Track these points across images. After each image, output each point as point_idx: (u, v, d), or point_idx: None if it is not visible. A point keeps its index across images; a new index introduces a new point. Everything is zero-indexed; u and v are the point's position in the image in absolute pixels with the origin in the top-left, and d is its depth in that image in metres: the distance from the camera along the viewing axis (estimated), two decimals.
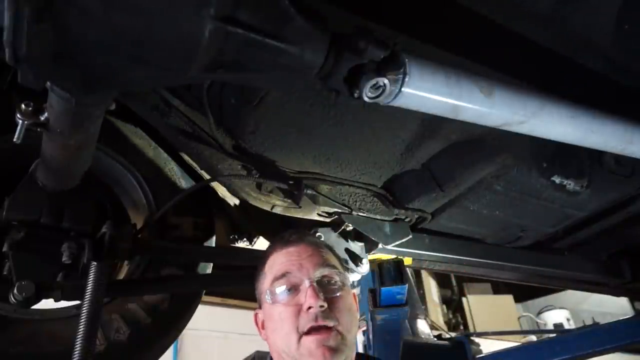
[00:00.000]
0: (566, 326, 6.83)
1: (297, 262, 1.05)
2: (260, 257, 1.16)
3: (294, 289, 1.02)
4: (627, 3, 1.00)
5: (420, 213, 1.62)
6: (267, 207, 1.42)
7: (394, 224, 1.61)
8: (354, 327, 1.03)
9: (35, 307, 1.19)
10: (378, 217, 1.57)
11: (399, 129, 1.33)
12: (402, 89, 0.81)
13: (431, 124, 1.31)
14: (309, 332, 0.97)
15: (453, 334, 3.97)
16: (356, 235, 1.58)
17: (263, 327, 1.10)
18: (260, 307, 1.12)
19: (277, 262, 1.08)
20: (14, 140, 0.90)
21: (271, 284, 1.05)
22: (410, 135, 1.35)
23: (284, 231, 1.19)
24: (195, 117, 1.29)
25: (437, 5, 0.98)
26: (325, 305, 0.98)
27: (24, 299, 1.11)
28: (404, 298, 1.55)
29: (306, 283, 1.01)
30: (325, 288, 1.02)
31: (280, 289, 1.03)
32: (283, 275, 1.04)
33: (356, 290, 2.47)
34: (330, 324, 0.97)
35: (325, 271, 1.04)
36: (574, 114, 0.99)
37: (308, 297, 0.98)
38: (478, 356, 2.44)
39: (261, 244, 1.79)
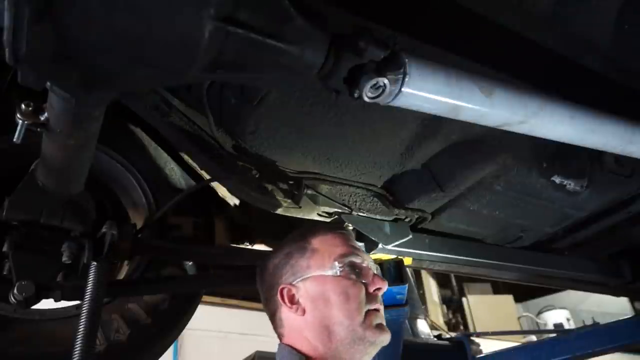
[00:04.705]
0: (566, 326, 6.83)
1: (357, 247, 1.14)
2: (298, 236, 1.17)
3: (359, 269, 1.08)
4: (627, 3, 1.00)
5: (420, 213, 1.62)
6: (267, 207, 1.42)
7: (394, 224, 1.61)
8: None
9: (35, 307, 1.19)
10: (378, 217, 1.57)
11: (399, 129, 1.33)
12: (402, 89, 0.81)
13: (431, 124, 1.31)
14: (371, 310, 1.05)
15: (453, 334, 3.96)
16: (356, 235, 1.58)
17: (293, 302, 1.07)
18: (291, 283, 1.09)
19: (339, 242, 1.12)
20: (14, 140, 0.90)
21: (338, 258, 1.07)
22: (410, 135, 1.35)
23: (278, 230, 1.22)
24: (195, 117, 1.30)
25: (437, 5, 0.98)
26: None
27: (24, 299, 1.11)
28: (404, 298, 1.55)
29: (372, 267, 1.10)
30: None
31: (351, 266, 1.07)
32: (351, 254, 1.09)
33: None
34: (382, 309, 1.08)
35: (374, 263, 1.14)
36: (574, 114, 0.99)
37: (377, 280, 1.07)
38: (478, 356, 2.43)
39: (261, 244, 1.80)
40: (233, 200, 1.61)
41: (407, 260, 1.74)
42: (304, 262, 1.09)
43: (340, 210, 1.49)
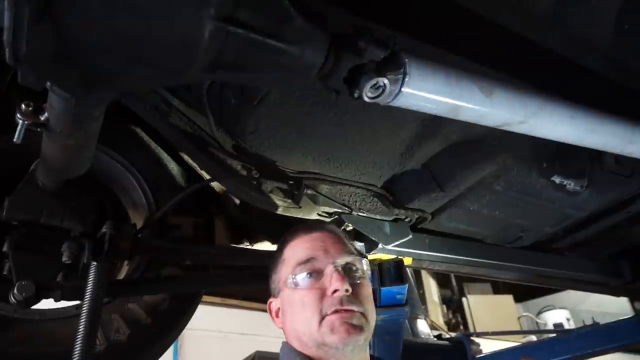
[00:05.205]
0: (566, 326, 6.82)
1: (321, 247, 1.06)
2: (278, 246, 1.15)
3: (317, 273, 1.02)
4: (627, 3, 1.00)
5: (420, 213, 1.62)
6: (267, 207, 1.42)
7: (394, 224, 1.61)
8: (374, 315, 1.04)
9: (35, 307, 1.19)
10: (378, 217, 1.57)
11: (399, 129, 1.33)
12: (402, 89, 0.81)
13: (431, 124, 1.31)
14: (332, 313, 0.97)
15: (453, 334, 3.96)
16: (356, 235, 1.58)
17: (277, 315, 1.09)
18: (275, 296, 1.10)
19: (301, 248, 1.07)
20: (14, 140, 0.90)
21: (294, 268, 1.04)
22: (410, 135, 1.35)
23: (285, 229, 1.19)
24: (195, 117, 1.29)
25: (437, 5, 0.98)
26: (350, 290, 0.99)
27: (24, 299, 1.11)
28: (404, 298, 1.55)
29: (331, 267, 1.01)
30: (349, 274, 1.02)
31: (304, 273, 1.02)
32: (308, 260, 1.03)
33: None
34: (355, 308, 0.98)
35: (349, 258, 1.05)
36: (574, 114, 0.99)
37: (334, 281, 0.98)
38: (478, 356, 2.43)
39: (261, 243, 1.80)
40: (233, 200, 1.60)
41: (407, 260, 1.74)
42: (279, 274, 1.10)
43: (340, 210, 1.49)
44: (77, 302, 1.25)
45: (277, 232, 1.65)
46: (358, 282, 1.03)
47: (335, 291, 0.98)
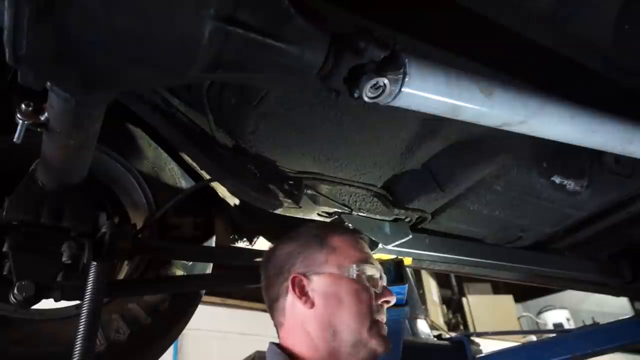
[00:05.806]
0: (566, 326, 6.83)
1: (371, 255, 1.15)
2: (317, 230, 1.18)
3: (372, 278, 1.09)
4: (627, 3, 1.00)
5: (420, 213, 1.62)
6: (267, 207, 1.41)
7: (394, 224, 1.61)
8: None
9: (35, 307, 1.19)
10: (378, 217, 1.57)
11: (399, 129, 1.33)
12: (402, 89, 0.81)
13: (431, 124, 1.31)
14: (377, 320, 1.06)
15: (453, 334, 3.97)
16: None
17: (303, 293, 1.07)
18: (305, 276, 1.09)
19: (359, 247, 1.14)
20: (14, 140, 0.90)
21: (358, 261, 1.09)
22: (410, 135, 1.35)
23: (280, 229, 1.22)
24: (195, 117, 1.29)
25: (437, 5, 0.98)
26: None
27: (24, 299, 1.11)
28: (404, 298, 1.56)
29: (384, 279, 1.12)
30: None
31: (372, 273, 1.09)
32: (368, 262, 1.11)
33: None
34: (385, 321, 1.08)
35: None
36: (574, 114, 0.99)
37: (387, 293, 1.09)
38: (478, 356, 2.44)
39: (261, 243, 1.80)
40: (233, 200, 1.60)
41: (407, 260, 1.75)
42: (322, 256, 1.10)
43: (340, 210, 1.49)
44: (77, 302, 1.25)
45: (277, 232, 1.65)
46: None
47: (386, 302, 1.08)
